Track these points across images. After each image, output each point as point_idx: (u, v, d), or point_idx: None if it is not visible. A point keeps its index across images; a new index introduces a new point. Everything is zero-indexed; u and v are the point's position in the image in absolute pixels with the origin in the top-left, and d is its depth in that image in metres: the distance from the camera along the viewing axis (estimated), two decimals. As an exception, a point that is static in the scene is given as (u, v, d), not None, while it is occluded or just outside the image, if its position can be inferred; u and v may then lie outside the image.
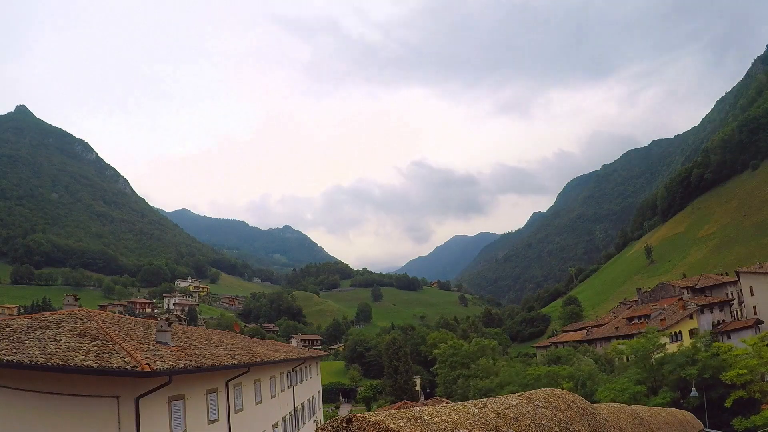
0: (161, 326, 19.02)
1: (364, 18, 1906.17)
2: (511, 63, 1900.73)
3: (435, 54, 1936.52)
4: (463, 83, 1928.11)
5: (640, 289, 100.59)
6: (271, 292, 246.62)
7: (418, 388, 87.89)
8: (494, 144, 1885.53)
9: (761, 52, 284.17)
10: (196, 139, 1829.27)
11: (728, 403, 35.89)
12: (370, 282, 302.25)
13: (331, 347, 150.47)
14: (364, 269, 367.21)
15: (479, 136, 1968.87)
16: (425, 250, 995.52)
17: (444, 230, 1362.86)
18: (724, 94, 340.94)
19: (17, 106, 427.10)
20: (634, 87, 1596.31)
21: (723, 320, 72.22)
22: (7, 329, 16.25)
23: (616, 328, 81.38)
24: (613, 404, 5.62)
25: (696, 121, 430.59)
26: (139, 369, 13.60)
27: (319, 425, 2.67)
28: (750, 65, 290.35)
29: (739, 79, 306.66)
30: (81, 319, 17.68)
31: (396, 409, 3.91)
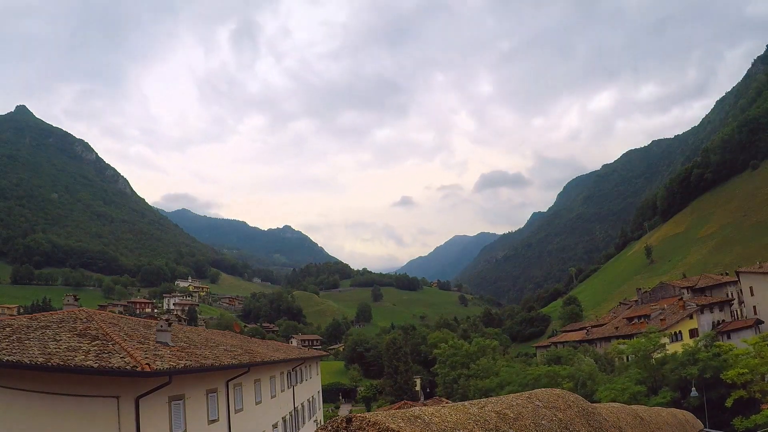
0: (161, 326, 19.02)
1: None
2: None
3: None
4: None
5: (640, 289, 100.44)
6: (271, 292, 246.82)
7: (418, 388, 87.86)
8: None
9: (761, 52, 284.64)
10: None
11: (728, 403, 35.86)
12: (370, 282, 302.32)
13: (331, 347, 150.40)
14: (364, 269, 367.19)
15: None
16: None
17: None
18: (724, 94, 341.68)
19: (17, 106, 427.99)
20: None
21: (723, 320, 72.13)
22: (7, 329, 16.23)
23: (616, 328, 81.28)
24: (613, 404, 5.62)
25: (695, 122, 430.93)
26: (139, 369, 13.60)
27: (319, 425, 2.67)
28: (750, 65, 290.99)
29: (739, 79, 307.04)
30: (81, 319, 17.68)
31: (396, 409, 3.91)
